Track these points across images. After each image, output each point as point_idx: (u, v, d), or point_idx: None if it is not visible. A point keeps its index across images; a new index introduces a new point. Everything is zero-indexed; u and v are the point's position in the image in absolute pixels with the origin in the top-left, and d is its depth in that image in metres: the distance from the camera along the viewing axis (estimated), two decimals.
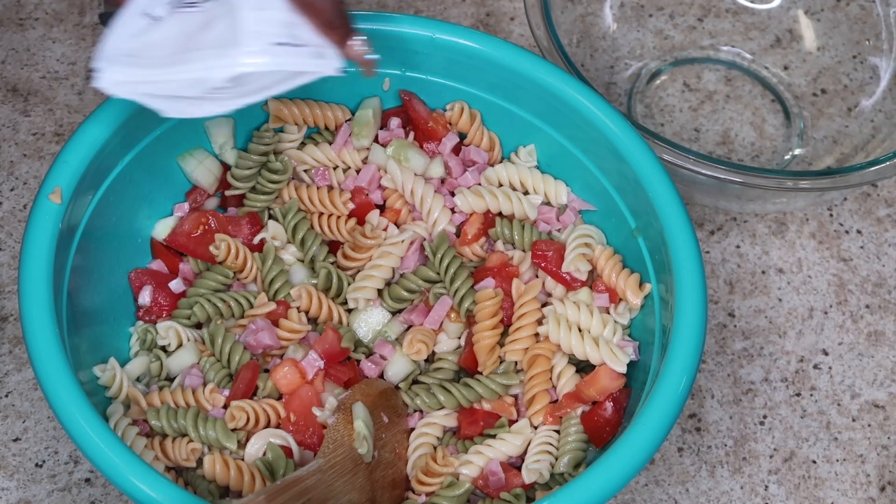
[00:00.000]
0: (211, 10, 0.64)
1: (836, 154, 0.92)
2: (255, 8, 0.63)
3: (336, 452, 0.69)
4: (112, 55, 0.64)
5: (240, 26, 0.63)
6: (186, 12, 0.64)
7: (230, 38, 0.63)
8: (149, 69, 0.64)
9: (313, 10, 0.63)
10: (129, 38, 0.64)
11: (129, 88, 0.65)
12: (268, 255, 0.78)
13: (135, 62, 0.64)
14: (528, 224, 0.79)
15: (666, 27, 1.01)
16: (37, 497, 0.77)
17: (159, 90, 0.64)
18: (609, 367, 0.72)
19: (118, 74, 0.64)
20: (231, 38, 0.63)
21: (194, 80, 0.64)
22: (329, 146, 0.81)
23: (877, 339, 0.87)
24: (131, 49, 0.64)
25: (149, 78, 0.64)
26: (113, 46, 0.64)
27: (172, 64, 0.64)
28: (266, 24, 0.63)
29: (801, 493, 0.80)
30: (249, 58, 0.63)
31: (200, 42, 0.63)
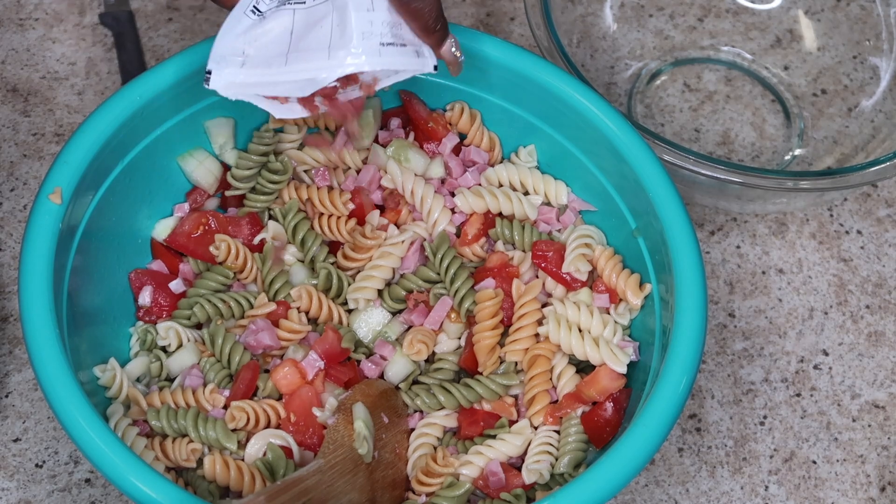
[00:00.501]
0: (317, 8, 0.64)
1: (836, 154, 0.92)
2: (363, 9, 0.64)
3: (336, 453, 0.69)
4: (223, 55, 0.64)
5: (350, 27, 0.63)
6: (291, 9, 0.64)
7: (340, 39, 0.63)
8: (260, 69, 0.64)
9: (417, 14, 0.65)
10: (238, 36, 0.64)
11: (241, 90, 0.65)
12: (268, 256, 0.78)
13: (245, 61, 0.64)
14: (528, 224, 0.79)
15: (666, 27, 1.01)
16: (37, 497, 0.77)
17: (270, 91, 0.65)
18: (609, 367, 0.72)
19: (231, 76, 0.64)
20: (341, 39, 0.63)
21: (306, 80, 0.64)
22: (329, 146, 0.81)
23: (877, 340, 0.87)
24: (241, 48, 0.64)
25: (260, 79, 0.64)
26: (224, 46, 0.64)
27: (284, 64, 0.64)
28: (375, 25, 0.64)
29: (801, 493, 0.80)
30: (362, 58, 0.64)
31: (310, 42, 0.64)
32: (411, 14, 0.65)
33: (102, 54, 0.97)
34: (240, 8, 0.64)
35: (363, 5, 0.64)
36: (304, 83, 0.64)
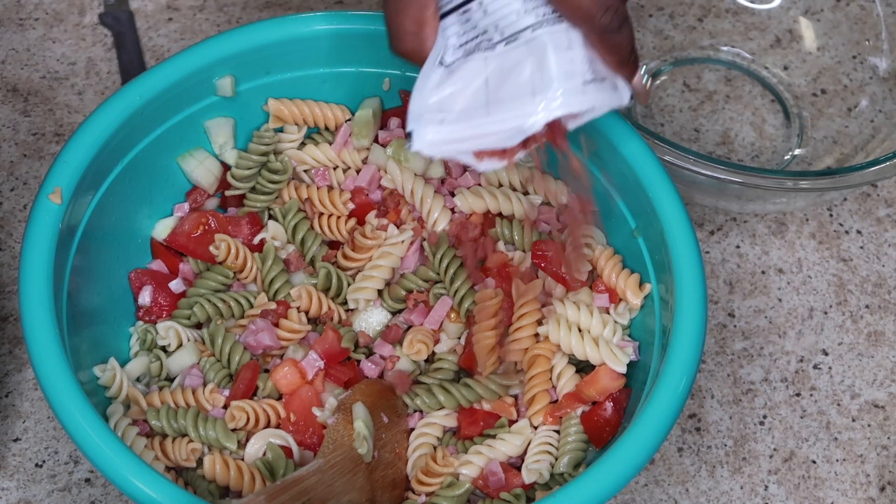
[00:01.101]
0: (508, 55, 0.61)
1: (835, 154, 0.92)
2: (562, 48, 0.61)
3: (336, 452, 0.69)
4: (421, 113, 0.62)
5: (551, 68, 0.60)
6: (483, 57, 0.62)
7: (542, 82, 0.60)
8: (461, 123, 0.62)
9: (617, 48, 0.62)
10: (431, 91, 0.62)
11: (445, 147, 0.62)
12: (268, 255, 0.78)
13: (445, 118, 0.62)
14: (528, 224, 0.79)
15: (666, 27, 1.01)
16: (37, 497, 0.77)
17: (475, 145, 0.62)
18: (609, 367, 0.72)
19: (432, 134, 0.62)
20: (543, 82, 0.60)
21: (512, 129, 0.61)
22: (329, 146, 0.81)
23: (877, 340, 0.87)
24: (437, 104, 0.62)
25: (463, 133, 0.62)
26: (420, 104, 0.62)
27: (486, 115, 0.61)
28: (575, 64, 0.61)
29: (800, 493, 0.80)
30: (569, 99, 0.60)
31: (510, 89, 0.61)
32: (610, 48, 0.62)
33: (102, 54, 0.97)
34: (429, 64, 0.62)
35: (562, 45, 0.61)
36: (511, 132, 0.61)
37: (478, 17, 0.62)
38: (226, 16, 1.00)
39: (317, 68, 0.79)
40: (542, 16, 0.61)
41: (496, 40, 0.62)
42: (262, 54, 0.76)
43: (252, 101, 0.79)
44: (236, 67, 0.76)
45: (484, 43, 0.62)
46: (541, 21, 0.61)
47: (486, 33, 0.62)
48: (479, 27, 0.62)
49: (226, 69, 0.76)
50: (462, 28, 0.62)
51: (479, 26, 0.62)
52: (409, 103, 0.62)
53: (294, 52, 0.77)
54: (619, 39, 0.62)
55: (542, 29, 0.61)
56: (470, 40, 0.62)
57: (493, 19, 0.62)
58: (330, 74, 0.79)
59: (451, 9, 0.63)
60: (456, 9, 0.62)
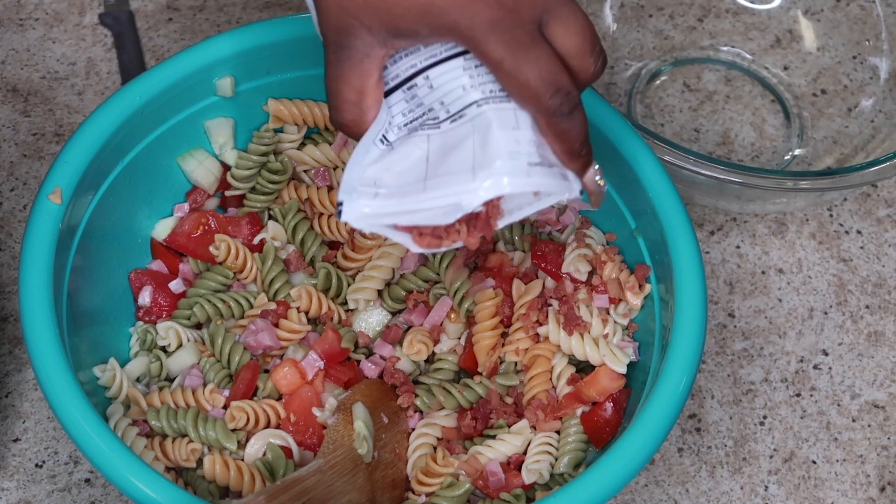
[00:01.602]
0: (453, 132, 0.58)
1: (836, 154, 0.92)
2: (508, 127, 0.57)
3: (336, 453, 0.69)
4: (354, 186, 0.58)
5: (494, 146, 0.57)
6: (424, 135, 0.59)
7: (484, 160, 0.56)
8: (395, 198, 0.58)
9: (565, 136, 0.58)
10: (367, 166, 0.59)
11: (376, 220, 0.58)
12: (268, 256, 0.78)
13: (378, 192, 0.58)
14: (528, 224, 0.79)
15: (666, 27, 1.01)
16: (37, 497, 0.77)
17: (409, 220, 0.58)
18: (609, 367, 0.72)
19: (363, 206, 0.58)
20: (485, 159, 0.56)
21: (448, 206, 0.57)
22: (329, 146, 0.81)
23: (877, 340, 0.87)
24: (373, 177, 0.59)
25: (397, 208, 0.58)
26: (354, 177, 0.59)
27: (423, 190, 0.58)
28: (521, 144, 0.57)
29: (801, 493, 0.80)
30: (509, 177, 0.56)
31: (450, 166, 0.57)
32: (558, 135, 0.58)
33: (102, 54, 0.97)
34: (368, 137, 0.60)
35: (508, 123, 0.58)
36: (448, 209, 0.57)
37: (423, 92, 0.59)
38: (226, 16, 1.00)
39: (317, 68, 0.78)
40: (490, 92, 0.58)
41: (441, 118, 0.59)
42: (262, 54, 0.76)
43: (252, 102, 0.79)
44: (236, 67, 0.76)
45: (429, 121, 0.59)
46: (487, 97, 0.58)
47: (432, 111, 0.59)
48: (425, 104, 0.59)
49: (226, 69, 0.76)
50: (407, 106, 0.60)
51: (424, 103, 0.60)
52: (343, 175, 0.59)
53: (294, 52, 0.77)
54: (569, 126, 0.58)
55: (489, 105, 0.58)
56: (415, 119, 0.60)
57: (439, 95, 0.59)
58: None
59: (397, 84, 0.60)
60: (402, 84, 0.60)
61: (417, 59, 0.60)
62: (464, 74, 0.59)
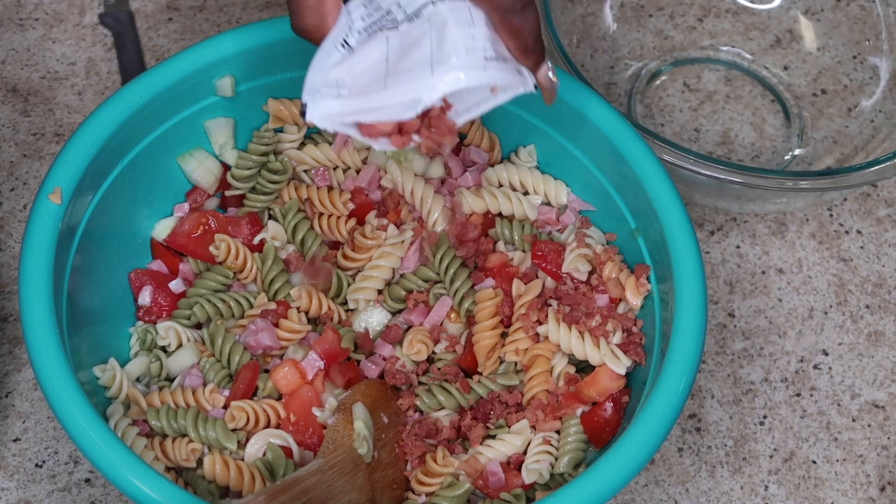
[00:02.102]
0: (410, 32, 0.60)
1: (836, 154, 0.92)
2: (464, 23, 0.60)
3: (336, 453, 0.69)
4: (316, 87, 0.61)
5: (450, 43, 0.59)
6: (383, 37, 0.61)
7: (441, 56, 0.59)
8: (357, 97, 0.61)
9: (517, 32, 0.61)
10: (329, 69, 0.61)
11: (339, 119, 0.61)
12: (268, 256, 0.78)
13: (341, 93, 0.61)
14: (528, 224, 0.79)
15: (666, 27, 1.01)
16: (37, 497, 0.77)
17: (371, 118, 0.61)
18: (609, 367, 0.72)
19: (327, 107, 0.60)
20: (442, 56, 0.59)
21: (408, 101, 0.60)
22: (329, 146, 0.81)
23: (877, 340, 0.87)
24: (335, 79, 0.61)
25: (358, 106, 0.61)
26: (316, 79, 0.61)
27: (383, 88, 0.60)
28: (477, 40, 0.60)
29: (801, 493, 0.80)
30: (466, 72, 0.59)
31: (408, 63, 0.60)
32: (511, 32, 0.61)
33: (102, 54, 0.97)
34: (329, 41, 0.62)
35: (463, 20, 0.60)
36: (408, 104, 0.60)
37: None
38: (226, 16, 1.00)
39: None
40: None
41: (399, 19, 0.61)
42: (263, 54, 0.76)
43: (252, 102, 0.79)
44: (236, 67, 0.76)
45: (388, 23, 0.61)
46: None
47: (390, 13, 0.61)
48: (383, 7, 0.62)
49: (226, 69, 0.76)
50: (366, 10, 0.62)
51: (382, 6, 0.62)
52: (306, 77, 0.61)
53: (294, 52, 0.77)
54: (522, 22, 0.60)
55: (444, 4, 0.60)
56: (374, 22, 0.62)
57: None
58: None
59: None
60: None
61: None
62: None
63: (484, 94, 0.62)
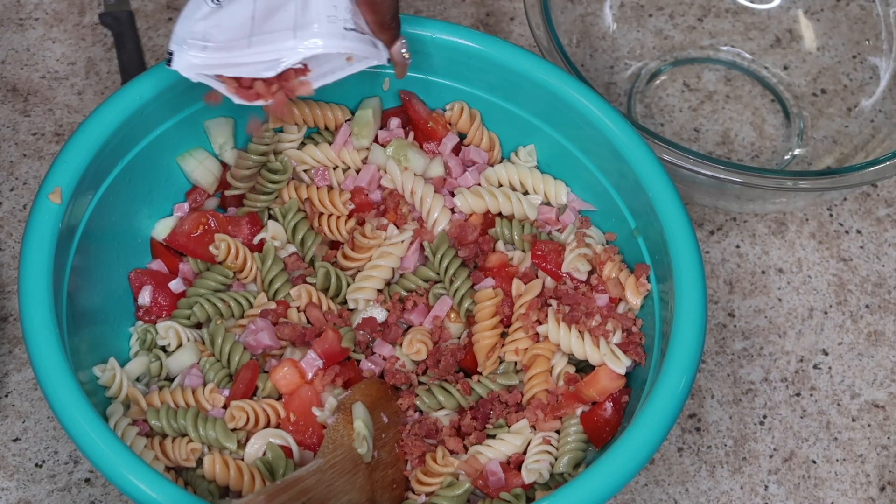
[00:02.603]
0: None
1: (835, 154, 0.92)
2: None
3: (336, 452, 0.69)
4: (184, 38, 0.65)
5: (314, 9, 0.64)
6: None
7: (304, 20, 0.64)
8: (222, 52, 0.65)
9: (375, 7, 0.66)
10: (197, 21, 0.65)
11: (204, 71, 0.65)
12: (267, 255, 0.78)
13: (207, 45, 0.65)
14: (528, 224, 0.79)
15: (666, 27, 1.01)
16: (37, 497, 0.77)
17: (233, 72, 0.65)
18: (609, 367, 0.72)
19: (192, 58, 0.65)
20: (304, 20, 0.64)
21: (269, 61, 0.64)
22: (329, 146, 0.81)
23: (877, 339, 0.87)
24: (202, 32, 0.65)
25: (222, 60, 0.65)
26: (184, 29, 0.65)
27: (247, 46, 0.64)
28: (339, 10, 0.64)
29: (800, 492, 0.80)
30: (326, 39, 0.63)
31: (273, 24, 0.64)
32: (370, 6, 0.66)
33: (102, 54, 0.97)
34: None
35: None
36: (269, 64, 0.64)
37: None
38: None
39: None
40: None
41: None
42: None
43: None
44: None
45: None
46: None
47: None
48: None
49: None
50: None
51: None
52: (174, 27, 0.65)
53: None
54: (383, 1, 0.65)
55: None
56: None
57: None
58: None
59: None
60: None
61: None
62: None
63: (340, 62, 0.67)
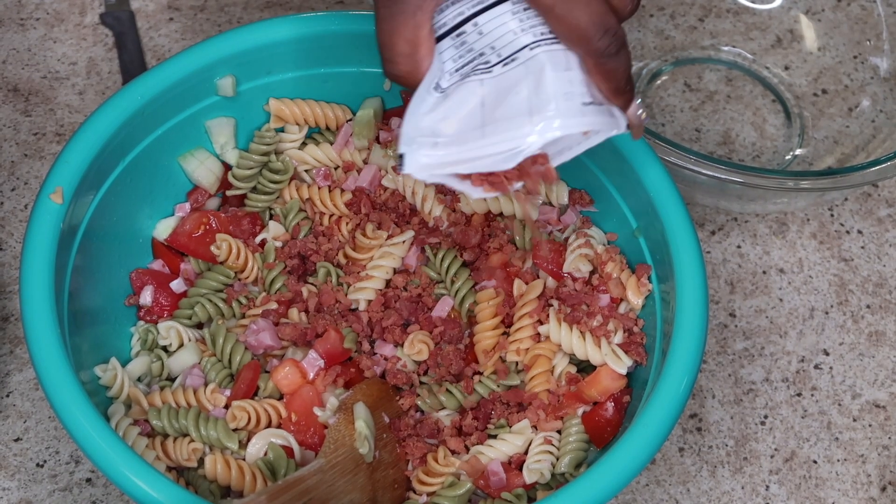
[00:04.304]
0: (505, 76, 0.59)
1: (836, 154, 0.92)
2: (560, 68, 0.59)
3: (337, 452, 0.70)
4: (413, 137, 0.59)
5: (548, 88, 0.58)
6: (478, 81, 0.59)
7: (539, 103, 0.58)
8: (455, 146, 0.59)
9: (612, 74, 0.60)
10: (424, 115, 0.60)
11: (438, 170, 0.59)
12: (269, 256, 0.78)
13: (438, 142, 0.59)
14: (529, 224, 0.79)
15: (667, 27, 1.01)
16: (38, 497, 0.77)
17: (470, 168, 0.59)
18: (610, 367, 0.72)
19: (424, 157, 0.59)
20: (540, 102, 0.58)
21: (508, 151, 0.58)
22: (330, 146, 0.81)
23: (878, 340, 0.87)
24: (430, 127, 0.59)
25: (458, 157, 0.59)
26: (412, 127, 0.60)
27: (481, 137, 0.59)
28: (574, 85, 0.59)
29: (801, 493, 0.80)
30: (564, 119, 0.58)
31: (507, 110, 0.58)
32: (605, 74, 0.60)
33: (103, 54, 0.97)
34: (423, 87, 0.60)
35: (560, 64, 0.59)
36: (508, 154, 0.58)
37: (473, 38, 0.60)
38: (227, 16, 1.00)
39: (318, 68, 0.79)
40: (541, 35, 0.59)
41: (493, 62, 0.60)
42: (263, 54, 0.76)
43: (253, 101, 0.79)
44: (237, 67, 0.76)
45: (481, 66, 0.60)
46: (538, 40, 0.59)
47: (483, 55, 0.60)
48: (475, 49, 0.60)
49: (227, 69, 0.76)
50: (458, 52, 0.60)
51: (475, 49, 0.60)
52: (402, 126, 0.60)
53: (295, 52, 0.77)
54: (616, 65, 0.59)
55: (541, 48, 0.59)
56: (466, 64, 0.60)
57: (489, 40, 0.60)
58: (331, 74, 0.79)
59: (445, 32, 0.61)
60: (450, 31, 0.61)
61: (464, 7, 0.60)
62: (513, 19, 0.59)
63: (576, 138, 0.61)
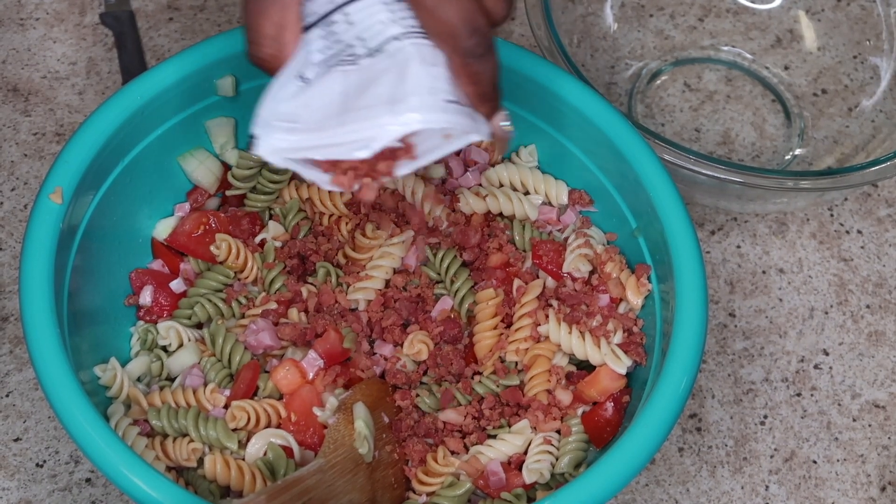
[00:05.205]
0: (371, 67, 0.58)
1: (836, 154, 0.92)
2: (426, 63, 0.57)
3: (337, 452, 0.70)
4: (269, 120, 0.58)
5: (412, 80, 0.56)
6: (342, 71, 0.58)
7: (401, 93, 0.56)
8: (311, 132, 0.58)
9: (476, 77, 0.58)
10: (283, 101, 0.58)
11: (291, 155, 0.58)
12: (268, 255, 0.78)
13: (295, 127, 0.58)
14: (529, 224, 0.79)
15: (666, 27, 1.01)
16: (37, 497, 0.77)
17: (325, 154, 0.58)
18: (610, 367, 0.72)
19: (278, 141, 0.58)
20: (402, 93, 0.56)
21: (363, 139, 0.56)
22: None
23: (877, 339, 0.87)
24: (289, 113, 0.58)
25: (312, 142, 0.58)
26: (269, 111, 0.58)
27: (338, 125, 0.57)
28: (438, 81, 0.57)
29: (801, 493, 0.80)
30: (427, 113, 0.56)
31: (366, 100, 0.57)
32: (470, 76, 0.58)
33: (103, 54, 0.97)
34: (286, 73, 0.59)
35: (427, 59, 0.57)
36: (364, 142, 0.57)
37: (342, 28, 0.59)
38: (226, 16, 1.00)
39: None
40: (410, 28, 0.58)
41: (360, 54, 0.58)
42: None
43: (253, 101, 0.78)
44: (237, 67, 0.76)
45: (347, 57, 0.59)
46: (407, 32, 0.58)
47: (351, 47, 0.59)
48: (344, 40, 0.59)
49: (227, 69, 0.76)
50: (325, 43, 0.59)
51: (343, 39, 0.59)
52: (259, 108, 0.58)
53: None
54: (482, 68, 0.58)
55: (409, 40, 0.57)
56: (334, 55, 0.59)
57: (358, 31, 0.59)
58: None
59: (314, 21, 0.60)
60: (319, 21, 0.59)
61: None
62: (383, 10, 0.58)
63: (436, 141, 0.59)
